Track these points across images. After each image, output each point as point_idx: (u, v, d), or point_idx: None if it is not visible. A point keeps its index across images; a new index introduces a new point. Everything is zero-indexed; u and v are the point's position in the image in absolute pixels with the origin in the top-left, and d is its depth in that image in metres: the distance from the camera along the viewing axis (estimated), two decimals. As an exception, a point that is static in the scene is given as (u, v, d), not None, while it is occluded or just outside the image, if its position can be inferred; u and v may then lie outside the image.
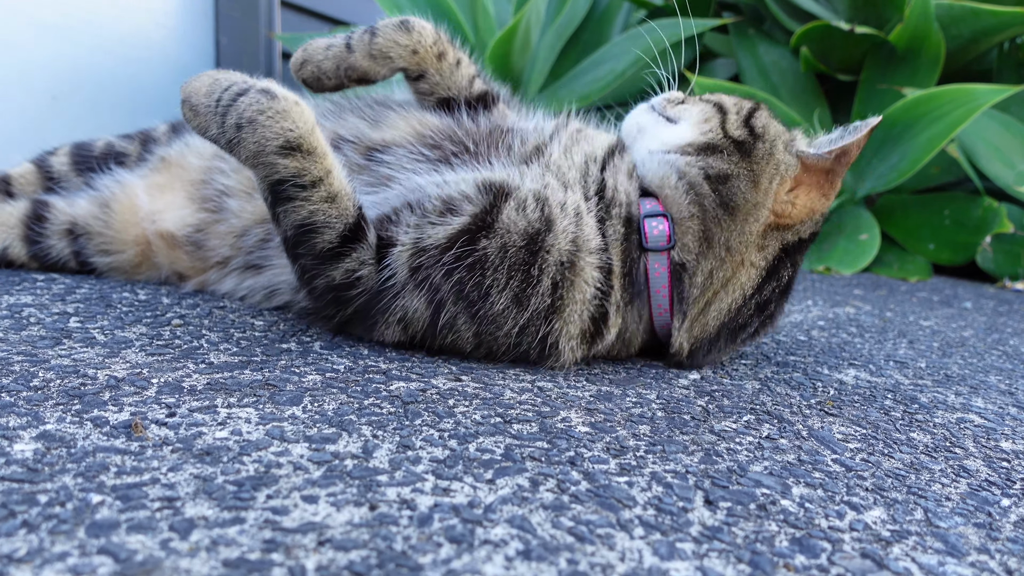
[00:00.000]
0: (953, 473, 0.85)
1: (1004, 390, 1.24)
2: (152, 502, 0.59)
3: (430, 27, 1.20)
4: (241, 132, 0.96)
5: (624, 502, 0.68)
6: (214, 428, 0.75)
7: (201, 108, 1.01)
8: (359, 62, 1.17)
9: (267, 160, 0.97)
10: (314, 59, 1.19)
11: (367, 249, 1.03)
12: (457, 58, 1.23)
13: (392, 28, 1.17)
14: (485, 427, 0.83)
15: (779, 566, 0.60)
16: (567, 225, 1.03)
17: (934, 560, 0.64)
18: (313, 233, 1.00)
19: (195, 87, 1.04)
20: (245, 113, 0.96)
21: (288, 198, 0.99)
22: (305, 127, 0.97)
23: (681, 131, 1.14)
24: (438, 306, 1.02)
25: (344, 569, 0.53)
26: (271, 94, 0.97)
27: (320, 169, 0.98)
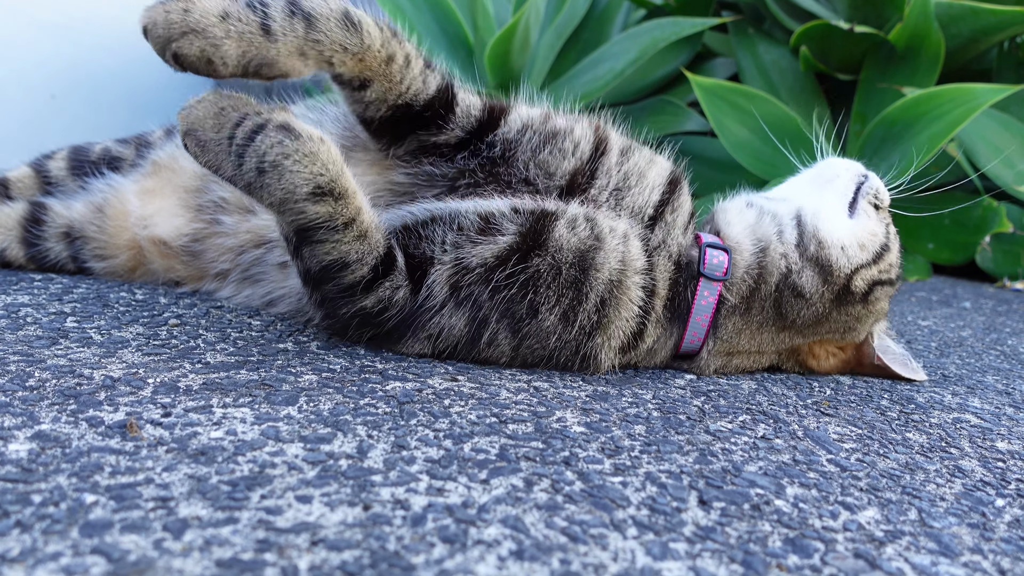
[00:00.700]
0: (948, 473, 0.85)
1: (1001, 390, 1.24)
2: (146, 502, 0.60)
3: (372, 22, 0.96)
4: (264, 177, 0.86)
5: (618, 502, 0.68)
6: (209, 428, 0.75)
7: (211, 144, 0.89)
8: (282, 60, 0.89)
9: (295, 207, 0.88)
10: (207, 33, 0.85)
11: (399, 274, 0.99)
12: (406, 55, 0.99)
13: (336, 23, 0.91)
14: (480, 427, 0.83)
15: (772, 566, 0.60)
16: (616, 244, 1.02)
17: (927, 560, 0.64)
18: (343, 270, 0.94)
19: (198, 116, 0.90)
20: (267, 156, 0.85)
21: (317, 241, 0.91)
22: (335, 169, 0.89)
23: (843, 230, 1.13)
24: (481, 323, 1.01)
25: (337, 569, 0.53)
26: (294, 133, 0.87)
27: (352, 210, 0.91)
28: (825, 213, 1.14)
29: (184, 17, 0.84)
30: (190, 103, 0.92)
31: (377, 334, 1.05)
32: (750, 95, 2.94)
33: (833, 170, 1.22)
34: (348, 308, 0.99)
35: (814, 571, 0.61)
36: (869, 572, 0.61)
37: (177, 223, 1.30)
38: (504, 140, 1.05)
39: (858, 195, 1.19)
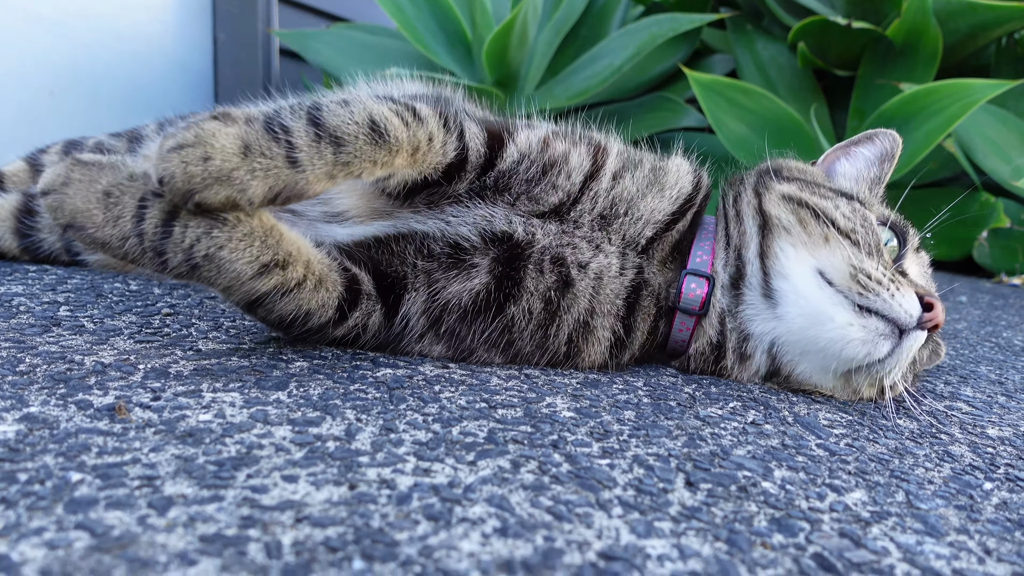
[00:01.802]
0: (937, 458, 0.85)
1: (994, 380, 1.24)
2: (132, 480, 0.60)
3: (397, 120, 0.87)
4: (199, 271, 0.79)
5: (604, 483, 0.69)
6: (198, 411, 0.75)
7: (113, 242, 0.77)
8: (312, 187, 0.80)
9: (242, 289, 0.82)
10: (234, 179, 0.75)
11: (369, 299, 0.95)
12: (429, 134, 0.91)
13: (365, 141, 0.83)
14: (470, 412, 0.83)
15: (756, 544, 0.61)
16: (586, 287, 1.00)
17: (912, 540, 0.64)
18: (306, 319, 0.90)
19: (77, 207, 0.77)
20: (197, 251, 0.77)
21: (271, 306, 0.86)
22: (274, 238, 0.82)
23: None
24: (467, 352, 1.01)
25: (320, 545, 0.53)
26: (217, 216, 0.77)
27: (300, 269, 0.85)
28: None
29: (205, 167, 0.74)
30: (51, 185, 0.78)
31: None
32: (748, 91, 2.94)
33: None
34: (319, 339, 0.97)
35: (798, 549, 0.61)
36: (854, 550, 0.61)
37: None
38: (499, 172, 1.00)
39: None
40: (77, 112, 3.21)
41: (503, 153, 1.00)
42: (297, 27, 3.51)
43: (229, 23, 3.45)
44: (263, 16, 3.43)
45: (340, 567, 0.51)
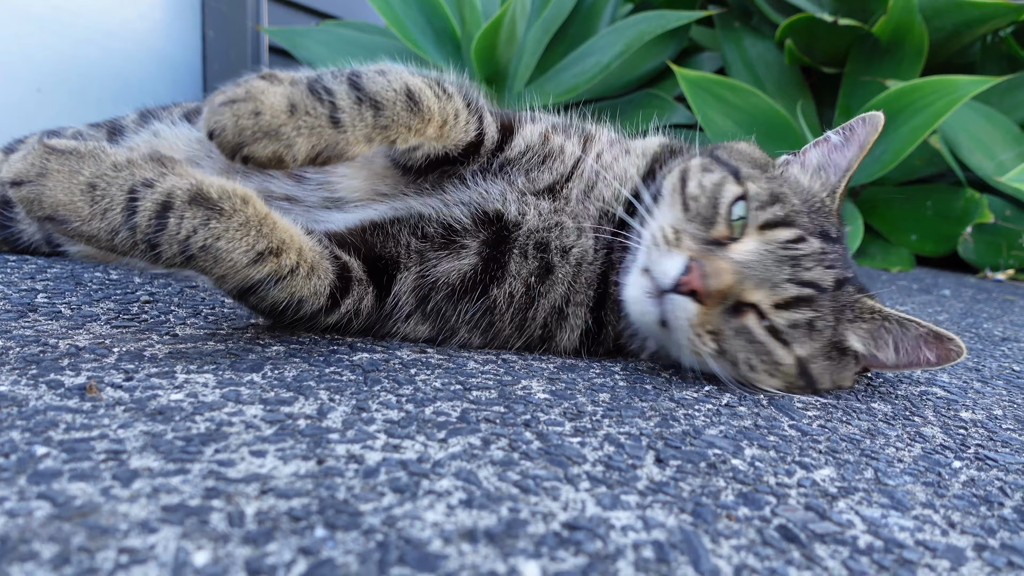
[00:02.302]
0: (909, 439, 0.86)
1: (971, 367, 1.25)
2: (98, 454, 0.60)
3: (430, 92, 0.94)
4: (195, 262, 0.79)
5: (574, 459, 0.69)
6: (170, 391, 0.75)
7: (102, 235, 0.76)
8: (351, 147, 0.85)
9: (237, 276, 0.82)
10: (280, 134, 0.80)
11: (360, 284, 0.97)
12: (455, 110, 0.98)
13: (402, 107, 0.89)
14: (444, 393, 0.83)
15: (721, 516, 0.61)
16: (565, 274, 1.02)
17: (878, 513, 0.65)
18: (299, 305, 0.91)
19: (57, 200, 0.74)
20: (193, 242, 0.77)
21: (263, 294, 0.87)
22: (268, 226, 0.82)
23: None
24: (450, 331, 1.02)
25: (284, 514, 0.54)
26: (213, 206, 0.78)
27: (293, 256, 0.85)
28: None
29: (256, 121, 0.78)
30: (24, 175, 0.75)
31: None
32: (735, 88, 2.95)
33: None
34: (312, 327, 0.98)
35: (763, 521, 0.61)
36: (818, 522, 0.62)
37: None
38: (505, 159, 1.06)
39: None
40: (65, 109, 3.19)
41: (511, 142, 1.06)
42: (286, 24, 3.50)
43: (218, 20, 3.44)
44: (252, 13, 3.43)
45: (302, 535, 0.51)
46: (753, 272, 0.89)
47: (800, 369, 0.95)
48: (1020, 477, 0.77)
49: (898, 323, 0.98)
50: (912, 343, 0.97)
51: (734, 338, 0.91)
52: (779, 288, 0.90)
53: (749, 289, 0.89)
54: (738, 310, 0.91)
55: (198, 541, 0.49)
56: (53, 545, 0.47)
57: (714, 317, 0.90)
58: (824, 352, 0.97)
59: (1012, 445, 0.87)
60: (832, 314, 0.95)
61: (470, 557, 0.51)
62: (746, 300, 0.90)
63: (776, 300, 0.90)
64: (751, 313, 0.91)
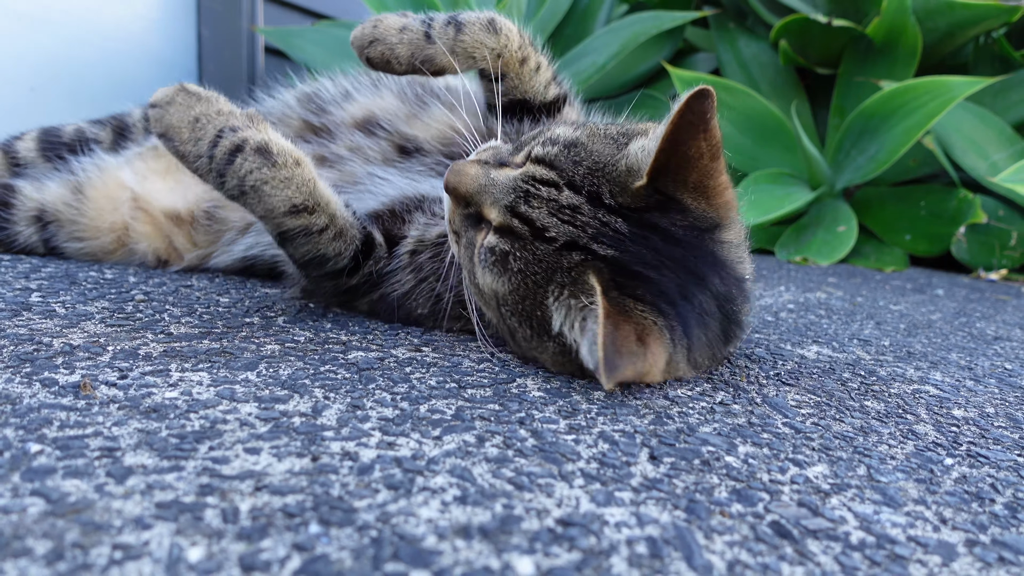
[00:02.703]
0: (902, 436, 0.86)
1: (964, 366, 1.26)
2: (92, 452, 0.60)
3: (515, 29, 1.14)
4: (245, 197, 0.96)
5: (568, 456, 0.69)
6: (165, 389, 0.75)
7: (190, 157, 0.96)
8: (439, 57, 1.10)
9: (274, 221, 0.99)
10: (386, 40, 1.10)
11: (380, 249, 1.10)
12: (538, 63, 1.16)
13: (480, 28, 1.10)
14: (439, 391, 0.84)
15: (715, 513, 0.61)
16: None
17: (870, 509, 0.65)
18: (326, 262, 1.05)
19: (172, 123, 0.96)
20: (247, 181, 0.94)
21: (297, 243, 1.02)
22: (308, 188, 0.98)
23: None
24: (421, 280, 1.10)
25: (278, 511, 0.54)
26: (271, 158, 0.94)
27: (325, 218, 1.01)
28: None
29: (373, 31, 1.11)
30: (160, 101, 0.97)
31: (348, 297, 1.15)
32: (730, 88, 2.96)
33: None
34: (331, 283, 1.10)
35: (756, 517, 0.61)
36: (811, 518, 0.62)
37: (196, 192, 1.35)
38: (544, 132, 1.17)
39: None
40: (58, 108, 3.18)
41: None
42: (281, 24, 3.50)
43: (213, 21, 3.44)
44: (247, 14, 3.42)
45: (296, 531, 0.51)
46: (493, 190, 0.91)
47: (496, 305, 0.92)
48: (1011, 474, 0.78)
49: (589, 309, 0.82)
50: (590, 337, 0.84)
51: (465, 247, 0.95)
52: (498, 210, 0.89)
53: (487, 205, 0.91)
54: (479, 223, 0.93)
55: (192, 537, 0.49)
56: (47, 541, 0.47)
57: (458, 218, 0.95)
58: (520, 305, 0.88)
59: (1003, 442, 0.88)
60: (541, 268, 0.86)
61: (464, 553, 0.51)
62: (484, 215, 0.91)
63: (498, 223, 0.89)
64: (483, 231, 0.92)
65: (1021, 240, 2.74)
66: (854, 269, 2.62)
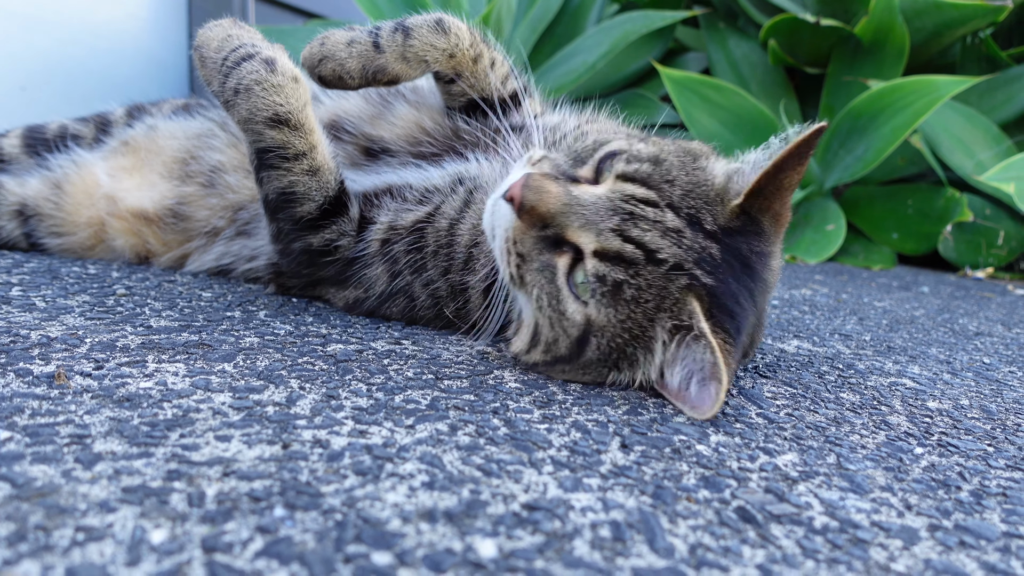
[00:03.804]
0: (874, 426, 0.87)
1: (942, 360, 1.27)
2: (62, 439, 0.60)
3: (465, 27, 1.12)
4: (237, 96, 1.00)
5: (539, 444, 0.70)
6: (140, 379, 0.76)
7: (209, 62, 1.05)
8: (390, 65, 1.08)
9: (255, 128, 1.01)
10: (335, 56, 1.08)
11: (348, 222, 1.10)
12: (492, 59, 1.15)
13: (428, 30, 1.08)
14: (416, 382, 0.84)
15: (681, 498, 0.62)
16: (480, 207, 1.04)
17: (836, 496, 0.66)
18: (294, 202, 1.06)
19: (208, 37, 1.07)
20: (244, 80, 0.99)
21: (272, 166, 1.03)
22: (296, 104, 1.01)
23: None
24: (396, 274, 1.09)
25: (244, 495, 0.54)
26: (272, 66, 1.00)
27: (305, 144, 1.03)
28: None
29: (321, 49, 1.09)
30: (208, 25, 1.10)
31: (318, 278, 1.14)
32: (720, 88, 2.97)
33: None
34: (298, 244, 1.09)
35: (722, 503, 0.62)
36: (776, 504, 0.63)
37: (160, 191, 1.34)
38: (523, 126, 1.14)
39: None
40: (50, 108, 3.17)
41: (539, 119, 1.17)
42: (273, 24, 3.50)
43: (205, 19, 3.43)
44: (239, 13, 3.42)
45: (261, 515, 0.52)
46: (583, 211, 0.84)
47: (582, 333, 0.85)
48: (979, 463, 0.79)
49: (696, 340, 0.81)
50: (690, 372, 0.84)
51: (537, 271, 0.86)
52: (602, 236, 0.83)
53: (574, 228, 0.84)
54: (558, 246, 0.85)
55: (156, 520, 0.50)
56: (10, 524, 0.47)
57: (527, 239, 0.86)
58: (620, 334, 0.84)
59: (975, 433, 0.89)
60: (652, 295, 0.82)
61: (428, 536, 0.52)
62: (569, 238, 0.84)
63: (596, 247, 0.83)
64: (566, 256, 0.85)
65: (1008, 239, 2.76)
66: (841, 267, 2.64)
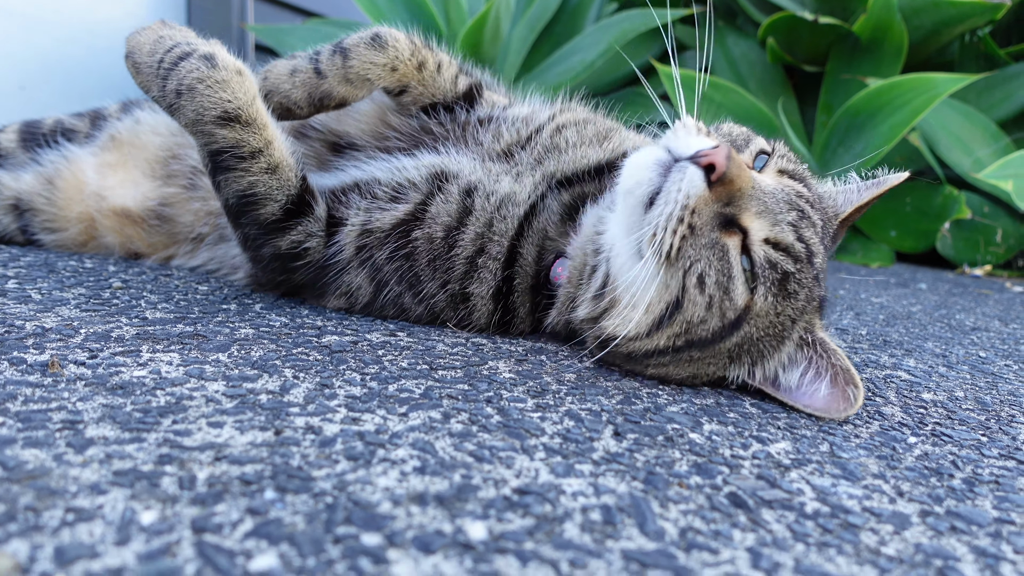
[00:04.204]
0: (868, 416, 0.87)
1: (938, 354, 1.27)
2: (54, 424, 0.60)
3: (403, 37, 1.09)
4: (180, 99, 0.95)
5: (532, 432, 0.70)
6: (133, 368, 0.76)
7: (143, 67, 1.00)
8: (335, 89, 1.06)
9: (205, 129, 0.96)
10: (280, 88, 1.06)
11: (315, 222, 1.04)
12: (437, 62, 1.12)
13: (365, 47, 1.06)
14: (410, 372, 0.84)
15: (673, 484, 0.62)
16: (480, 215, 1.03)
17: (828, 482, 0.66)
18: (255, 204, 1.00)
19: (139, 42, 1.02)
20: (185, 80, 0.94)
21: (228, 168, 0.98)
22: (245, 98, 0.96)
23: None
24: (380, 282, 1.05)
25: (235, 479, 0.54)
26: (212, 62, 0.95)
27: (259, 140, 0.97)
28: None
29: (264, 84, 1.07)
30: (137, 30, 1.04)
31: (296, 284, 1.10)
32: (718, 86, 2.98)
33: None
34: (266, 249, 1.04)
35: (714, 488, 0.62)
36: (768, 490, 0.63)
37: (143, 190, 1.31)
38: (491, 118, 1.13)
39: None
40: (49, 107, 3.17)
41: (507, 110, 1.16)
42: (272, 22, 3.50)
43: (203, 18, 3.44)
44: (237, 11, 3.42)
45: (252, 497, 0.52)
46: (764, 198, 0.84)
47: (737, 317, 0.84)
48: (973, 452, 0.79)
49: (821, 347, 0.86)
50: (816, 375, 0.86)
51: (706, 248, 0.83)
52: (779, 227, 0.84)
53: (750, 212, 0.83)
54: (727, 227, 0.84)
55: (147, 502, 0.50)
56: (0, 505, 0.47)
57: (706, 212, 0.82)
58: (767, 327, 0.85)
59: (969, 423, 0.89)
60: (803, 296, 0.86)
61: (418, 518, 0.52)
62: (741, 221, 0.83)
63: (769, 236, 0.84)
64: (737, 237, 0.84)
65: (1006, 236, 2.76)
66: (839, 265, 2.64)
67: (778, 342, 0.87)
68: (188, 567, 0.43)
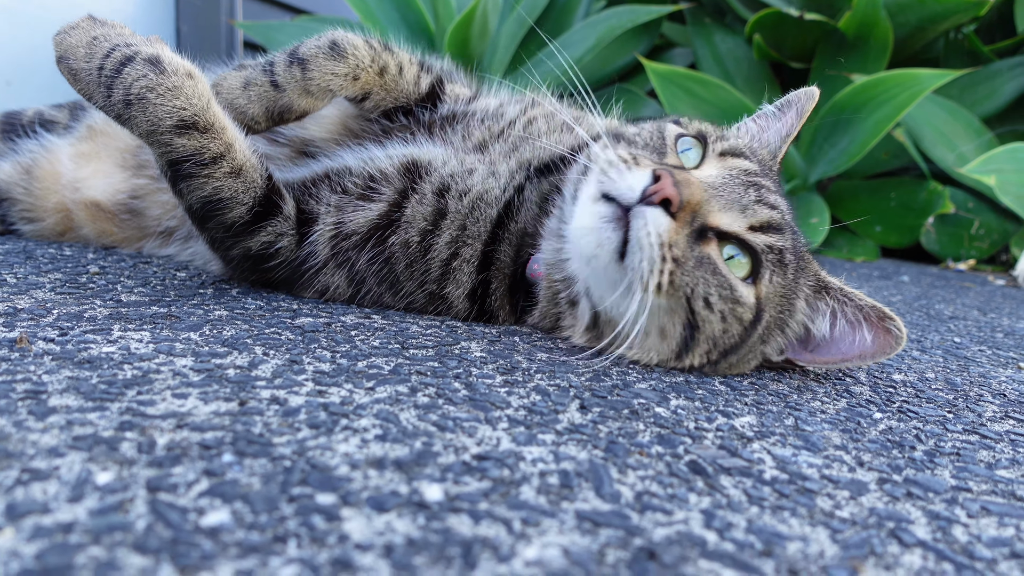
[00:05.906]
0: (836, 394, 0.88)
1: (913, 339, 1.28)
2: (17, 394, 0.60)
3: (361, 43, 1.04)
4: (131, 109, 0.88)
5: (498, 405, 0.70)
6: (103, 345, 0.76)
7: (82, 74, 0.91)
8: (296, 103, 1.01)
9: (161, 139, 0.90)
10: (234, 104, 1.00)
11: (284, 221, 1.01)
12: (398, 65, 1.09)
13: (324, 57, 1.01)
14: (381, 351, 0.85)
15: (633, 453, 0.63)
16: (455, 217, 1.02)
17: (789, 452, 0.67)
18: (221, 208, 0.96)
19: (70, 44, 0.93)
20: (132, 89, 0.88)
21: (190, 175, 0.93)
22: (199, 103, 0.90)
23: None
24: (359, 283, 1.05)
25: (195, 444, 0.54)
26: (160, 66, 0.89)
27: (220, 145, 0.92)
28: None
29: (216, 99, 0.97)
30: (64, 29, 0.95)
31: (271, 281, 1.08)
32: (704, 82, 2.99)
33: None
34: (235, 251, 1.01)
35: (675, 457, 0.63)
36: (728, 458, 0.64)
37: (113, 181, 1.30)
38: (461, 113, 1.12)
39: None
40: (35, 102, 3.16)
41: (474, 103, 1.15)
42: (260, 19, 3.50)
43: (192, 15, 3.43)
44: (226, 8, 3.42)
45: (210, 460, 0.52)
46: (719, 192, 0.84)
47: (755, 313, 0.86)
48: (937, 427, 0.80)
49: (840, 293, 0.90)
50: (850, 320, 0.89)
51: (696, 268, 0.83)
52: (750, 210, 0.85)
53: (715, 211, 0.83)
54: (702, 237, 0.84)
55: (104, 464, 0.50)
56: (-45, 465, 0.47)
57: (681, 240, 0.82)
58: (780, 303, 0.89)
59: (937, 401, 0.90)
60: (794, 257, 0.88)
61: (375, 480, 0.52)
62: (712, 224, 0.84)
63: (752, 223, 0.85)
64: (713, 242, 0.84)
65: (989, 231, 2.78)
66: (824, 260, 2.65)
67: (790, 311, 0.91)
68: (139, 522, 0.44)
